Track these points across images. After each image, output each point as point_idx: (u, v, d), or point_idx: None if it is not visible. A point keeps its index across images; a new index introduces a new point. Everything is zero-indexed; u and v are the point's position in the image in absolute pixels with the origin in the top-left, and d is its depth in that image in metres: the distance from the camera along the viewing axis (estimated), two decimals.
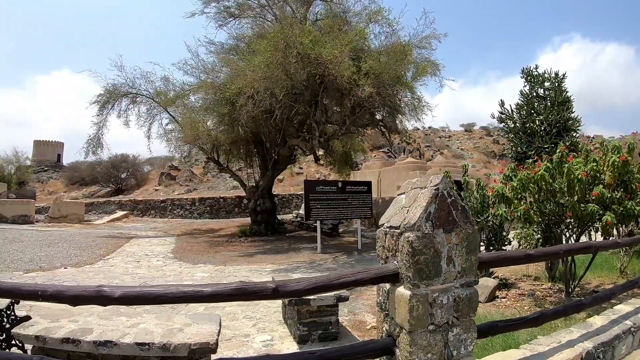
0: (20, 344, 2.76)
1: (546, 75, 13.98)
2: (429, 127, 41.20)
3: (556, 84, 13.81)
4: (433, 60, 11.57)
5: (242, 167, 20.66)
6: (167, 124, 18.99)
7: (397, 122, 14.44)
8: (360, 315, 5.59)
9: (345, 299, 4.49)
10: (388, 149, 34.19)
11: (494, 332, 3.01)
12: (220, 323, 3.11)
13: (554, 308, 3.75)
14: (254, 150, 16.80)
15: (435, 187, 2.48)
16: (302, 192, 28.14)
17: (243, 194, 26.51)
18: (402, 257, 2.39)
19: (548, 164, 5.98)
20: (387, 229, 2.59)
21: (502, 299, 5.96)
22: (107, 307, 2.35)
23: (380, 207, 18.53)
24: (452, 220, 2.48)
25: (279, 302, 5.64)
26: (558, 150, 6.21)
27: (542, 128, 13.32)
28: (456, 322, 2.46)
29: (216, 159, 17.49)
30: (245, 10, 16.32)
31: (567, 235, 6.27)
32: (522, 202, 6.11)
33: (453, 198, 2.53)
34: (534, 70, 14.31)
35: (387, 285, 2.55)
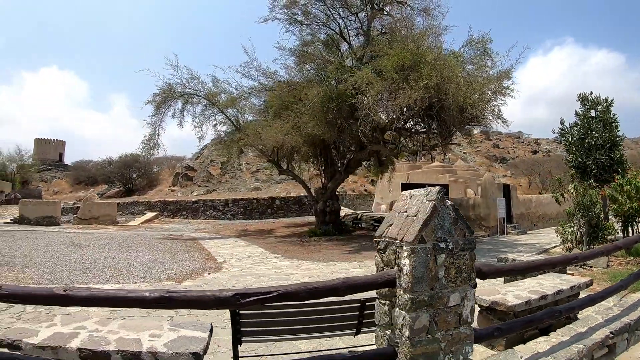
0: None
1: (598, 100, 16.86)
2: None
3: (606, 107, 16.64)
4: (511, 87, 12.67)
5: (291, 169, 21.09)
6: (219, 125, 19.17)
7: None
8: None
9: None
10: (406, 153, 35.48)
11: None
12: None
13: None
14: (319, 153, 17.39)
15: None
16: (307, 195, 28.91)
17: (273, 195, 27.11)
18: None
19: None
20: None
21: (612, 267, 8.43)
22: None
23: None
24: None
25: None
26: None
27: (598, 143, 15.67)
28: None
29: (276, 161, 18.00)
30: (310, 18, 16.91)
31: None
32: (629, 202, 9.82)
33: None
34: (588, 95, 17.01)
35: None
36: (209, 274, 9.32)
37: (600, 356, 3.63)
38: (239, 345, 3.43)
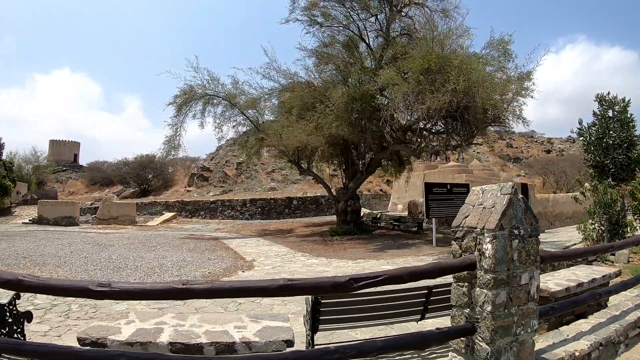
0: None
1: (615, 100, 17.21)
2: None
3: (623, 107, 17.11)
4: (531, 88, 12.92)
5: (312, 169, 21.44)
6: (239, 126, 19.57)
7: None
8: None
9: None
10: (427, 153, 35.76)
11: None
12: None
13: None
14: (339, 153, 17.71)
15: None
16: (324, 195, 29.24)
17: (290, 195, 27.50)
18: None
19: None
20: None
21: (632, 262, 8.82)
22: None
23: None
24: None
25: None
26: None
27: (616, 142, 16.17)
28: None
29: (296, 161, 18.36)
30: (330, 20, 17.25)
31: None
32: None
33: None
34: (606, 95, 17.46)
35: None
36: (242, 272, 9.49)
37: (633, 335, 4.06)
38: (314, 334, 3.68)
